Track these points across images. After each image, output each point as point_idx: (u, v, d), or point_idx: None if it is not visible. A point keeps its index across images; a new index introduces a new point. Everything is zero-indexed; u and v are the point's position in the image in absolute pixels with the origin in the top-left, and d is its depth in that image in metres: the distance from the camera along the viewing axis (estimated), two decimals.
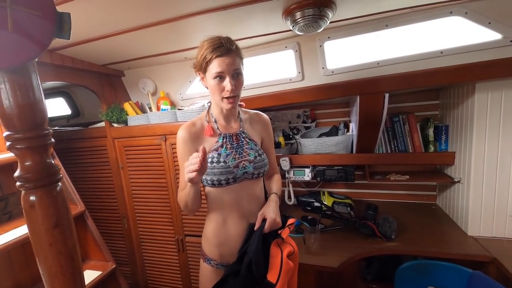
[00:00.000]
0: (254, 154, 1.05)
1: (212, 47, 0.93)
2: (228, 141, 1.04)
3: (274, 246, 0.95)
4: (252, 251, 0.89)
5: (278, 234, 1.00)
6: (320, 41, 1.43)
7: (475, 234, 1.42)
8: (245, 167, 1.02)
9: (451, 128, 1.60)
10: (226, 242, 1.05)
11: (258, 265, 0.89)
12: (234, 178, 1.00)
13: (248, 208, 1.06)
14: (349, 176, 1.78)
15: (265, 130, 1.16)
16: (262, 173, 1.07)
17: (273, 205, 1.03)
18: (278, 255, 0.92)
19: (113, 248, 2.03)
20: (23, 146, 0.42)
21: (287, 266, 0.91)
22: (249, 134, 1.10)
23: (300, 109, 2.04)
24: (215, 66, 0.93)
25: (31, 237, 0.44)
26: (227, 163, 0.99)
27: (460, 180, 1.50)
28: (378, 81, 1.41)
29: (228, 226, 1.05)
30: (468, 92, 1.38)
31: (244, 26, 1.28)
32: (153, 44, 1.44)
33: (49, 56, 1.40)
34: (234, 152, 1.02)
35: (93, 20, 1.13)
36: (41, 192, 0.43)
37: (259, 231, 0.95)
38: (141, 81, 1.88)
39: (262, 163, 1.06)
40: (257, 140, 1.11)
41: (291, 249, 0.98)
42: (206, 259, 1.10)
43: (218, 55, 0.92)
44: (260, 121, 1.15)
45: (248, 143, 1.06)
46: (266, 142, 1.17)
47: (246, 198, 1.05)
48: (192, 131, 1.03)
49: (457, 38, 1.24)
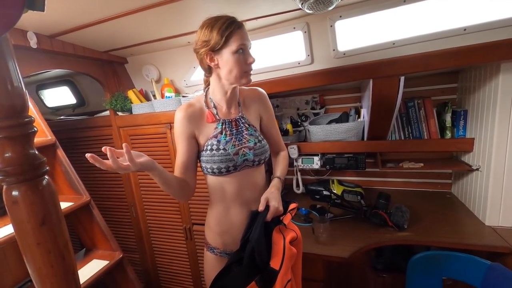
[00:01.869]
0: (254, 140, 1.02)
1: (228, 22, 0.90)
2: (227, 127, 1.00)
3: (276, 232, 0.93)
4: (255, 239, 0.88)
5: (280, 220, 0.98)
6: (331, 20, 1.33)
7: (494, 224, 1.35)
8: (245, 154, 0.99)
9: (470, 113, 1.50)
10: (228, 231, 1.04)
11: (261, 253, 0.88)
12: (235, 166, 0.98)
13: (249, 196, 1.04)
14: (359, 164, 1.71)
15: (263, 106, 1.11)
16: (263, 159, 1.04)
17: (275, 191, 1.00)
18: (281, 242, 0.91)
19: (122, 236, 2.05)
20: (1, 136, 0.38)
21: (290, 252, 0.90)
22: (248, 118, 1.06)
23: (309, 95, 1.96)
24: (237, 38, 0.90)
25: (17, 236, 0.41)
26: (227, 150, 0.97)
27: (479, 168, 1.42)
28: (394, 63, 1.32)
29: (230, 215, 1.04)
30: (492, 74, 1.28)
31: (249, 6, 1.20)
32: (155, 28, 1.38)
33: (49, 43, 1.36)
34: (234, 138, 0.99)
35: (92, 2, 1.07)
36: (25, 187, 0.39)
37: (261, 219, 0.93)
38: (145, 68, 1.83)
39: (262, 149, 1.03)
40: (255, 124, 1.08)
41: (294, 235, 0.96)
42: (210, 248, 1.09)
43: (237, 27, 0.90)
44: (255, 98, 1.10)
45: (248, 129, 1.03)
46: (266, 118, 1.12)
47: (248, 186, 1.03)
48: (189, 112, 1.00)
49: (482, 13, 1.13)
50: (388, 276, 1.61)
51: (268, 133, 1.14)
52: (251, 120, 1.07)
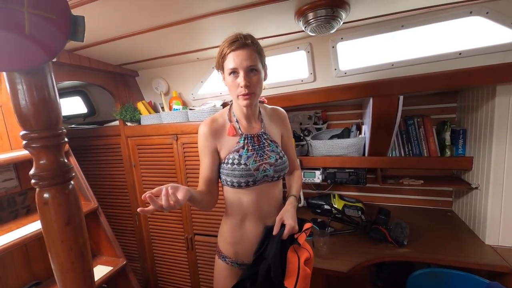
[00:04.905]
0: (275, 156, 1.03)
1: (228, 42, 0.91)
2: (249, 142, 1.01)
3: (291, 252, 0.94)
4: (271, 257, 0.89)
5: (295, 239, 0.98)
6: (333, 42, 1.41)
7: (493, 243, 1.36)
8: (265, 170, 1.00)
9: (469, 132, 1.54)
10: (241, 242, 1.05)
11: (276, 271, 0.88)
12: (254, 180, 0.99)
13: (266, 210, 1.05)
14: (360, 179, 1.74)
15: (284, 126, 1.14)
16: (282, 175, 1.06)
17: (291, 210, 1.01)
18: (295, 261, 0.91)
19: (124, 244, 2.07)
20: (38, 145, 0.44)
21: (304, 273, 0.90)
22: (270, 134, 1.08)
23: (312, 110, 2.02)
24: (229, 61, 0.91)
25: (44, 234, 0.45)
26: (248, 165, 0.98)
27: (478, 187, 1.44)
28: (392, 82, 1.37)
29: (244, 227, 1.05)
30: (488, 95, 1.33)
31: (257, 27, 1.28)
32: (167, 45, 1.46)
33: (67, 57, 1.45)
34: (255, 154, 1.00)
35: (109, 22, 1.16)
36: (54, 190, 0.45)
37: (277, 237, 0.94)
38: (155, 81, 1.92)
39: (283, 165, 1.04)
40: (277, 140, 1.09)
41: (308, 255, 0.96)
42: (221, 256, 1.10)
43: (232, 50, 0.90)
44: (278, 117, 1.13)
45: (270, 145, 1.04)
46: (285, 137, 1.15)
47: (265, 200, 1.04)
48: (213, 127, 1.02)
49: (477, 38, 1.19)
50: None
51: (285, 152, 1.13)
52: (273, 136, 1.08)
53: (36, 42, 0.36)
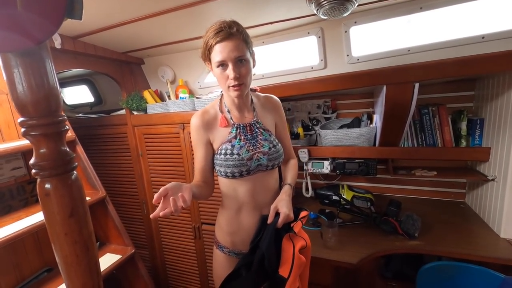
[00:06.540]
0: (269, 145, 1.02)
1: (213, 32, 0.87)
2: (241, 132, 1.01)
3: (286, 240, 0.94)
4: (265, 245, 0.89)
5: (290, 227, 0.98)
6: (345, 26, 1.34)
7: (509, 236, 1.31)
8: (259, 159, 0.99)
9: (487, 121, 1.47)
10: (238, 232, 1.06)
11: (271, 260, 0.89)
12: (248, 170, 0.99)
13: (261, 200, 1.05)
14: (370, 170, 1.70)
15: (278, 114, 1.12)
16: (276, 164, 1.05)
17: (286, 198, 1.00)
18: (290, 250, 0.91)
19: (133, 232, 2.10)
20: (37, 133, 0.41)
21: (299, 261, 0.90)
22: (263, 123, 1.06)
23: (321, 99, 1.96)
24: (216, 53, 0.88)
25: (47, 226, 0.44)
26: (241, 155, 0.98)
27: (495, 178, 1.39)
28: (408, 69, 1.31)
29: (241, 216, 1.05)
30: (510, 82, 1.25)
31: (265, 11, 1.22)
32: (172, 30, 1.42)
33: (72, 44, 1.42)
34: (248, 143, 1.00)
35: (114, 6, 1.12)
36: (56, 181, 0.43)
37: (272, 225, 0.93)
38: (160, 69, 1.88)
39: (277, 154, 1.03)
40: (271, 129, 1.08)
41: (304, 243, 0.96)
42: (219, 246, 1.11)
43: (218, 41, 0.86)
44: (271, 105, 1.11)
45: (262, 134, 1.03)
46: (280, 126, 1.13)
47: (260, 189, 1.04)
48: (205, 119, 1.02)
49: (502, 20, 1.11)
50: (396, 284, 1.58)
51: (280, 141, 1.13)
52: (266, 125, 1.07)
53: (29, 20, 0.33)
